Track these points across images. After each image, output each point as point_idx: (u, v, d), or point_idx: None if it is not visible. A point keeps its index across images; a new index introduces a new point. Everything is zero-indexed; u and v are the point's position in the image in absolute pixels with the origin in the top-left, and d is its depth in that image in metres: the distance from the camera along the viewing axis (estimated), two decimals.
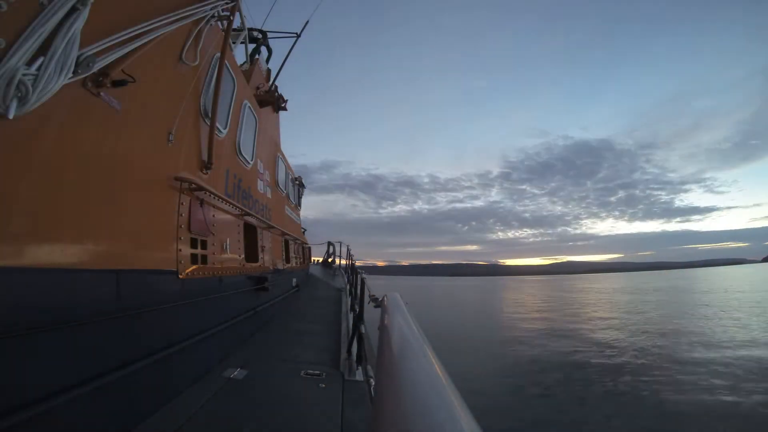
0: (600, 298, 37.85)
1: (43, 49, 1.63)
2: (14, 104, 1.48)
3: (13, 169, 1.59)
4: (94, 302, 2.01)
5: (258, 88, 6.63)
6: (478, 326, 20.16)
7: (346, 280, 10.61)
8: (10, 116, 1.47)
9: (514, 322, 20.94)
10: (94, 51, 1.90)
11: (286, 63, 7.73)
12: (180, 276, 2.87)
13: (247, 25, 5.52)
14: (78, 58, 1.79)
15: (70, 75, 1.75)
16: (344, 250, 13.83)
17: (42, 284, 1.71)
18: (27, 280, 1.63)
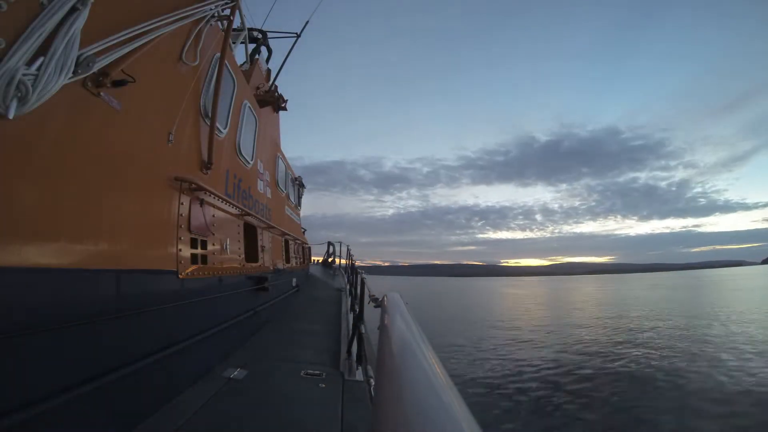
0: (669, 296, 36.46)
1: (43, 49, 1.63)
2: (14, 104, 1.48)
3: (13, 169, 1.59)
4: (94, 302, 2.01)
5: (258, 88, 6.63)
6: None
7: (346, 280, 10.61)
8: (10, 116, 1.47)
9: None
10: (94, 51, 1.90)
11: (286, 63, 7.74)
12: (180, 276, 2.87)
13: (247, 25, 5.52)
14: (78, 58, 1.79)
15: (70, 75, 1.75)
16: (344, 250, 13.84)
17: (42, 284, 1.71)
18: (27, 280, 1.63)
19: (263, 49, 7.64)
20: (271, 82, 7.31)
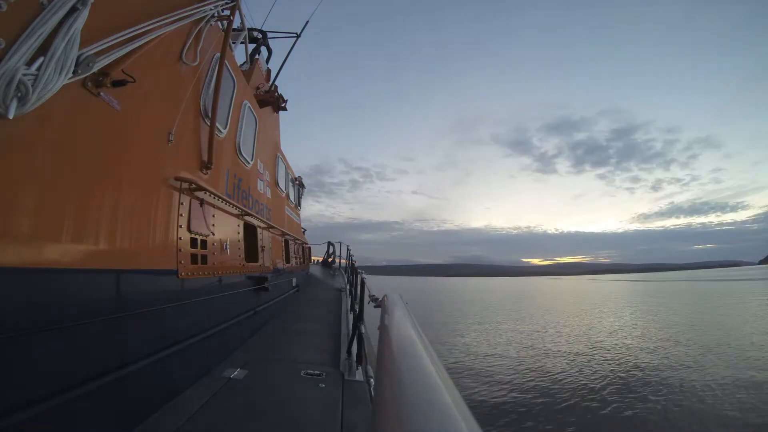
0: None
1: (43, 49, 1.63)
2: (14, 104, 1.48)
3: (13, 169, 1.59)
4: (94, 302, 2.01)
5: (258, 88, 6.63)
6: None
7: (346, 280, 10.62)
8: (10, 116, 1.47)
9: None
10: (94, 51, 1.90)
11: (286, 63, 7.74)
12: (180, 276, 2.87)
13: (247, 25, 5.53)
14: (78, 58, 1.79)
15: (70, 75, 1.75)
16: (344, 250, 13.85)
17: (42, 284, 1.71)
18: (27, 280, 1.63)
19: (263, 49, 7.64)
20: (271, 82, 7.31)
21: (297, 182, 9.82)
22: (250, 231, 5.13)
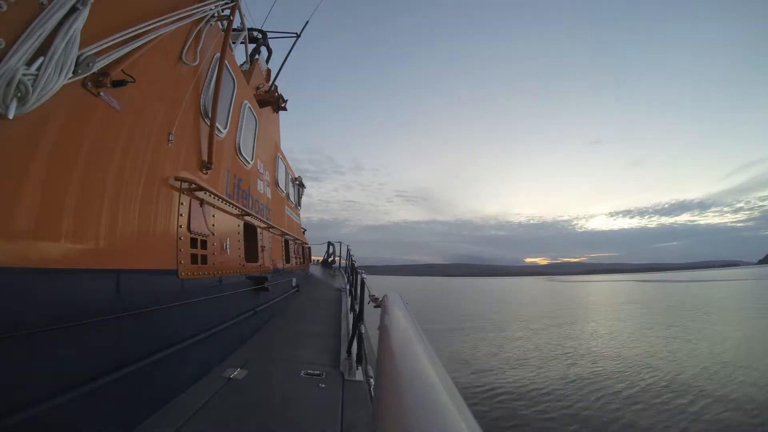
0: None
1: (43, 49, 1.63)
2: (14, 104, 1.49)
3: (13, 169, 1.59)
4: (94, 302, 2.01)
5: (258, 88, 6.63)
6: None
7: (346, 280, 10.63)
8: (10, 116, 1.47)
9: None
10: (94, 51, 1.91)
11: (286, 63, 7.74)
12: (180, 276, 2.87)
13: (247, 25, 5.53)
14: (78, 58, 1.80)
15: (70, 75, 1.75)
16: (344, 250, 13.85)
17: (42, 284, 1.71)
18: (27, 280, 1.63)
19: (263, 49, 7.65)
20: (271, 82, 7.32)
21: (297, 182, 9.83)
22: (250, 231, 5.13)
